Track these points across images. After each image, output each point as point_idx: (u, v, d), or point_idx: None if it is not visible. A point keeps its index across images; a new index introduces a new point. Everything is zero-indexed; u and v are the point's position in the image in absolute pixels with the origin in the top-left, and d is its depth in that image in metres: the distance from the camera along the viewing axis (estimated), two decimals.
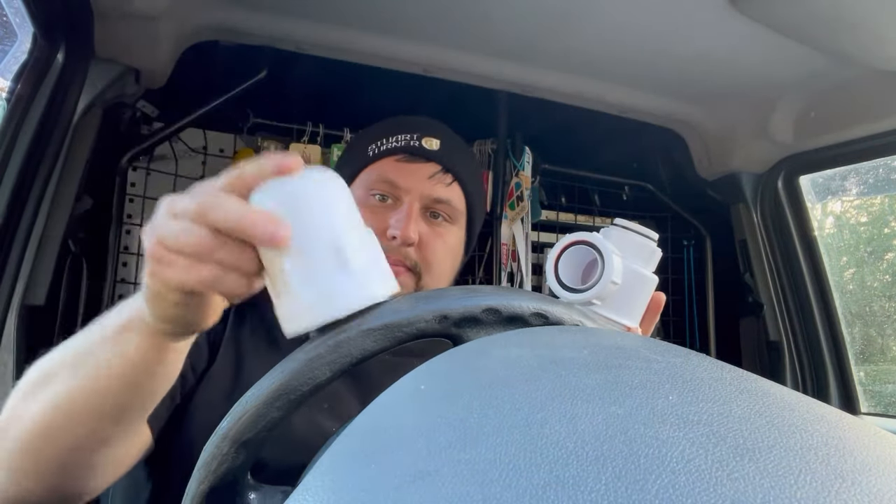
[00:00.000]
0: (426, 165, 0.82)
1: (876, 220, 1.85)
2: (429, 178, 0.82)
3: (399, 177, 0.81)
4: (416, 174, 0.81)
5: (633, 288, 0.62)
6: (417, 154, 0.82)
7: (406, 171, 0.81)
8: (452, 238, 0.85)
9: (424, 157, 0.82)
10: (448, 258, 0.85)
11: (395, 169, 0.82)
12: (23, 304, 0.96)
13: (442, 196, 0.82)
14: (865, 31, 1.07)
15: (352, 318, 0.37)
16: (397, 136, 0.83)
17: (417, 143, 0.82)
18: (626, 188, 2.00)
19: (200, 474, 0.34)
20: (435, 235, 0.82)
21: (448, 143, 0.85)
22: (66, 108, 1.01)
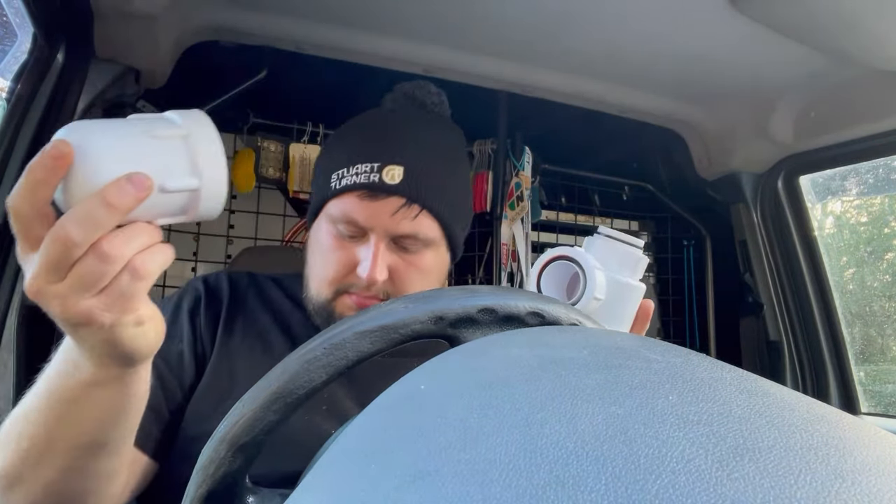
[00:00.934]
0: (388, 201, 0.78)
1: (876, 220, 1.85)
2: (392, 215, 0.78)
3: (360, 216, 0.78)
4: (378, 212, 0.78)
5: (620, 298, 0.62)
6: (377, 190, 0.78)
7: (368, 210, 0.78)
8: (428, 262, 0.83)
9: (385, 193, 0.78)
10: (426, 281, 0.83)
11: (357, 207, 0.78)
12: (23, 304, 0.96)
13: (407, 231, 0.79)
14: (865, 31, 1.07)
15: (348, 319, 0.37)
16: (357, 167, 0.79)
17: (378, 176, 0.78)
18: (626, 188, 2.00)
19: (198, 478, 0.34)
20: (407, 265, 0.81)
21: (414, 168, 0.80)
22: (66, 108, 1.01)
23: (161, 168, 0.44)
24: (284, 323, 0.84)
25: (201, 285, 0.85)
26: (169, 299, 0.84)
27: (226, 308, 0.83)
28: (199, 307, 0.82)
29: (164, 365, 0.75)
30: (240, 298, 0.86)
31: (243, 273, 0.91)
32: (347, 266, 0.79)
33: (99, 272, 0.42)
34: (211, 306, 0.83)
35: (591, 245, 0.63)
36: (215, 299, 0.84)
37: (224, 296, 0.84)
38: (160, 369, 0.73)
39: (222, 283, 0.86)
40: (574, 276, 0.59)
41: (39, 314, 0.43)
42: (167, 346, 0.75)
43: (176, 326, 0.79)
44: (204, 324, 0.80)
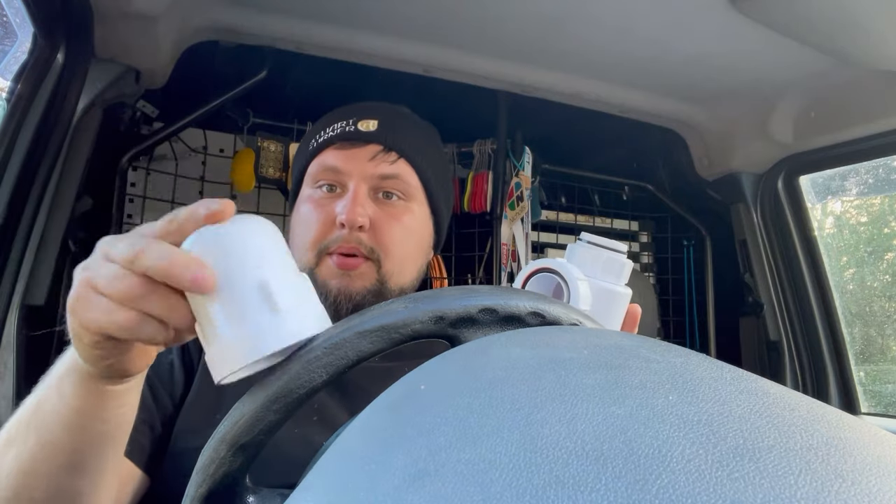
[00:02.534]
0: (366, 147, 0.79)
1: (876, 220, 1.85)
2: (370, 159, 0.79)
3: (339, 162, 0.79)
4: (356, 157, 0.79)
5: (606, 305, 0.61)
6: (354, 138, 0.80)
7: (345, 156, 0.79)
8: (410, 217, 0.81)
9: (363, 140, 0.79)
10: (409, 240, 0.81)
11: (335, 156, 0.79)
12: (23, 304, 0.96)
13: (387, 172, 0.79)
14: (865, 31, 1.07)
15: (348, 319, 0.37)
16: (334, 126, 0.82)
17: (353, 127, 0.80)
18: (626, 188, 2.00)
19: (199, 478, 0.34)
20: (388, 216, 0.79)
21: (388, 122, 0.82)
22: (66, 108, 1.01)
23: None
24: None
25: None
26: None
27: None
28: None
29: (155, 377, 0.73)
30: None
31: None
32: (327, 222, 0.77)
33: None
34: None
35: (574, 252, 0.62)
36: None
37: None
38: (152, 382, 0.72)
39: None
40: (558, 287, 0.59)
41: (39, 314, 0.43)
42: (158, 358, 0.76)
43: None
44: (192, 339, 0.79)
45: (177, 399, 0.74)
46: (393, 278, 0.79)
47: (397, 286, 0.80)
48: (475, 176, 1.71)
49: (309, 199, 0.80)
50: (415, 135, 0.85)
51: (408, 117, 0.88)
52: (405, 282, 0.82)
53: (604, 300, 0.61)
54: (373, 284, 0.78)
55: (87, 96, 1.05)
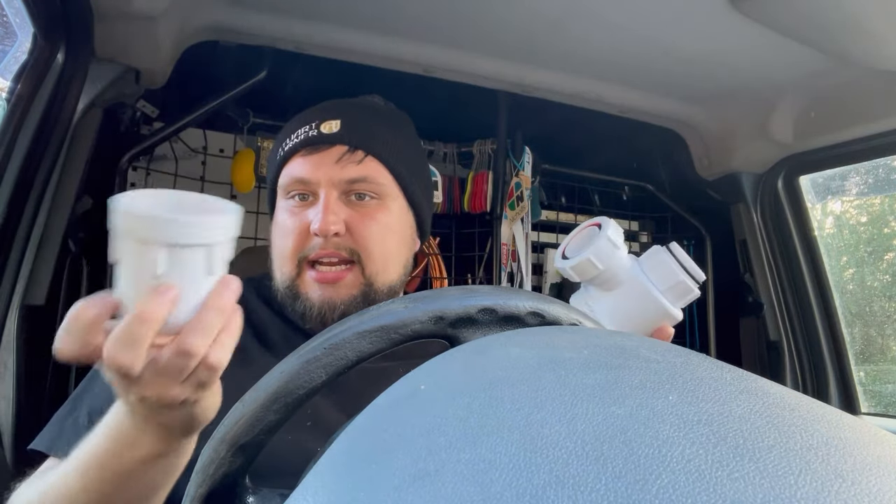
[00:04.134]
0: (330, 151, 0.78)
1: (876, 220, 1.85)
2: (335, 162, 0.77)
3: (305, 171, 0.78)
4: (322, 163, 0.78)
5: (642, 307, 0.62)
6: (317, 143, 0.78)
7: (311, 164, 0.78)
8: (385, 214, 0.80)
9: (326, 143, 0.78)
10: (388, 237, 0.80)
11: (302, 165, 0.78)
12: (23, 304, 0.96)
13: (354, 175, 0.78)
14: (865, 31, 1.07)
15: (348, 319, 0.37)
16: (297, 132, 0.80)
17: (316, 131, 0.79)
18: (626, 188, 2.00)
19: (199, 478, 0.34)
20: (363, 217, 0.78)
21: (351, 120, 0.80)
22: (66, 108, 1.01)
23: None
24: (261, 331, 0.81)
25: None
26: None
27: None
28: None
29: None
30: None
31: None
32: (303, 231, 0.77)
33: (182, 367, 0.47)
34: None
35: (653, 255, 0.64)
36: None
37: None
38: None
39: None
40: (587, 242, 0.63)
41: (39, 314, 0.43)
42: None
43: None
44: None
45: None
46: (378, 278, 0.79)
47: (384, 285, 0.80)
48: (475, 176, 1.71)
49: (283, 210, 0.80)
50: (381, 129, 0.83)
51: (373, 110, 0.86)
52: (392, 279, 0.81)
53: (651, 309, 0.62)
54: (359, 289, 0.78)
55: (87, 96, 1.05)
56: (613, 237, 0.61)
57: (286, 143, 0.81)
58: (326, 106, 0.84)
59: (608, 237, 0.61)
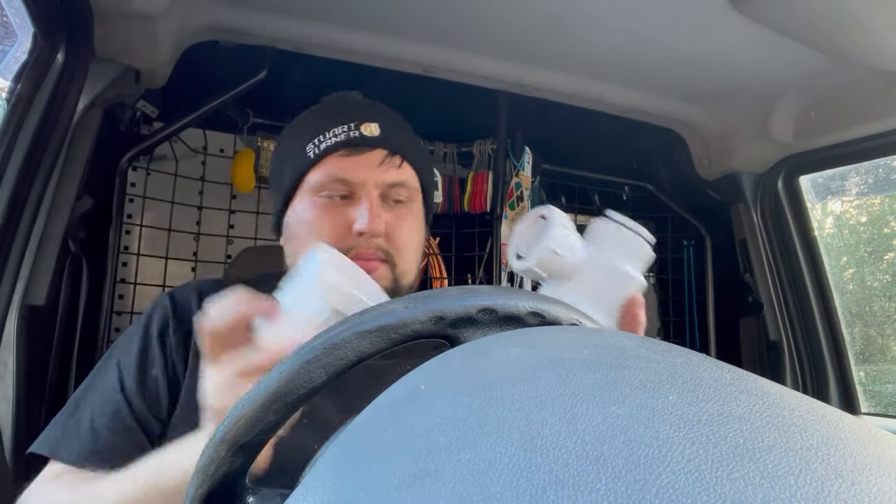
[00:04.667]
0: (372, 153, 0.79)
1: (876, 220, 1.85)
2: (378, 165, 0.79)
3: (349, 172, 0.78)
4: (365, 165, 0.78)
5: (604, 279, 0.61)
6: (361, 144, 0.79)
7: (355, 165, 0.78)
8: (414, 218, 0.84)
9: (368, 146, 0.79)
10: (415, 239, 0.84)
11: (343, 165, 0.78)
12: (23, 304, 0.96)
13: (396, 180, 0.80)
14: (865, 31, 1.07)
15: (348, 319, 0.37)
16: (334, 130, 0.80)
17: (357, 132, 0.79)
18: (626, 188, 2.00)
19: (198, 478, 0.34)
20: (398, 220, 0.81)
21: (387, 124, 0.82)
22: (66, 108, 1.01)
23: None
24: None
25: (168, 303, 0.82)
26: (138, 322, 0.81)
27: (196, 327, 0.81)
28: (167, 328, 0.79)
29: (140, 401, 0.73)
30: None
31: (212, 281, 0.88)
32: (343, 227, 0.77)
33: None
34: (181, 325, 0.79)
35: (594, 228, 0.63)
36: (184, 316, 0.80)
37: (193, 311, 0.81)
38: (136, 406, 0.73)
39: (190, 297, 0.83)
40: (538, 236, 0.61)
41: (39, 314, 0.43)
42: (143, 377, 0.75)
43: (148, 353, 0.77)
44: (174, 345, 0.78)
45: (163, 415, 0.74)
46: (405, 277, 0.82)
47: (407, 283, 0.83)
48: (475, 176, 1.71)
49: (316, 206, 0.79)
50: (409, 135, 0.86)
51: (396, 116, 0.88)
52: (412, 279, 0.85)
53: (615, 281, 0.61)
54: (389, 285, 0.79)
55: (87, 96, 1.05)
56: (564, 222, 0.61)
57: (319, 139, 0.80)
58: (359, 105, 0.84)
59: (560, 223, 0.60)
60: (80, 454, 0.69)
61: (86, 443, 0.70)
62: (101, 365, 0.78)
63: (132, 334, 0.79)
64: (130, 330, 0.81)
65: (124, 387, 0.74)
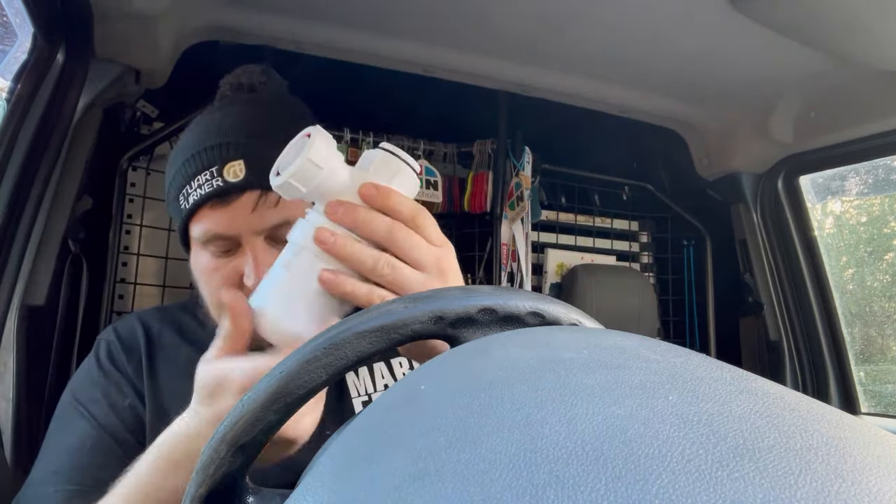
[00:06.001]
0: (241, 199, 0.70)
1: (876, 220, 1.85)
2: (252, 212, 0.70)
3: (223, 227, 0.71)
4: (236, 215, 0.70)
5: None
6: (226, 193, 0.70)
7: (224, 217, 0.70)
8: None
9: (236, 191, 0.70)
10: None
11: (215, 219, 0.71)
12: (23, 304, 0.96)
13: (275, 221, 0.71)
14: (865, 31, 1.07)
15: (348, 319, 0.37)
16: (198, 179, 0.71)
17: (220, 178, 0.70)
18: (626, 188, 2.00)
19: (198, 478, 0.34)
20: None
21: (254, 157, 0.71)
22: (66, 108, 1.01)
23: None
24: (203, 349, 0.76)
25: (112, 335, 0.80)
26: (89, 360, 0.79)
27: (144, 351, 0.78)
28: (119, 358, 0.78)
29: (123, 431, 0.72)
30: (154, 337, 0.80)
31: (154, 309, 0.86)
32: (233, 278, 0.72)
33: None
34: (130, 353, 0.78)
35: (363, 155, 0.58)
36: (131, 345, 0.79)
37: (139, 338, 0.79)
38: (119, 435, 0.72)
39: (134, 326, 0.81)
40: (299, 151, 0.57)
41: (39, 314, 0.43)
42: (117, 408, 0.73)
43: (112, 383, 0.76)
44: (131, 371, 0.77)
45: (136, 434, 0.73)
46: None
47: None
48: (475, 176, 1.71)
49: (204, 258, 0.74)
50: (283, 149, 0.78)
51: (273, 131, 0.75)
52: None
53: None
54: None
55: (87, 96, 1.05)
56: (328, 140, 0.55)
57: (187, 189, 0.73)
58: (222, 137, 0.73)
59: (324, 140, 0.54)
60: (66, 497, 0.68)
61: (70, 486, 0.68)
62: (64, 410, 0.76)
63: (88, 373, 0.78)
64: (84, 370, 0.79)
65: (99, 421, 0.73)
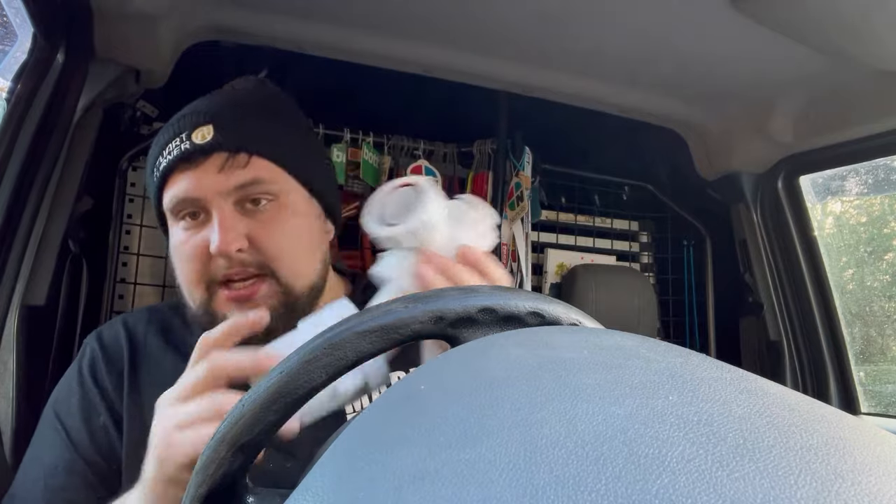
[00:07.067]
0: (208, 161, 0.69)
1: (876, 220, 1.85)
2: (218, 172, 0.69)
3: (189, 190, 0.70)
4: (203, 176, 0.69)
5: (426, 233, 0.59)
6: (192, 155, 0.70)
7: (192, 179, 0.69)
8: (286, 215, 0.73)
9: (202, 153, 0.69)
10: (295, 240, 0.74)
11: (182, 183, 0.70)
12: (23, 304, 0.96)
13: (242, 181, 0.70)
14: (865, 31, 1.07)
15: (348, 319, 0.37)
16: (169, 146, 0.72)
17: (188, 142, 0.70)
18: (626, 188, 2.00)
19: (198, 478, 0.34)
20: (263, 225, 0.71)
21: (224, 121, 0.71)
22: (66, 108, 1.01)
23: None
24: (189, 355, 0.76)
25: (95, 343, 0.78)
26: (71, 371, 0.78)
27: (127, 361, 0.76)
28: (99, 370, 0.75)
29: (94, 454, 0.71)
30: (139, 344, 0.78)
31: (142, 310, 0.85)
32: (203, 253, 0.70)
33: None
34: (112, 364, 0.76)
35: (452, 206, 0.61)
36: (114, 355, 0.77)
37: (122, 347, 0.77)
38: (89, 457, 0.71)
39: (118, 332, 0.78)
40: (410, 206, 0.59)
41: (39, 314, 0.43)
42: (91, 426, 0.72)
43: (88, 399, 0.74)
44: (111, 387, 0.74)
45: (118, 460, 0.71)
46: (296, 282, 0.74)
47: (304, 287, 0.75)
48: (475, 176, 1.71)
49: (177, 232, 0.73)
50: (258, 122, 0.75)
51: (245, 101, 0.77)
52: (311, 279, 0.76)
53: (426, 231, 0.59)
54: (278, 299, 0.72)
55: (87, 96, 1.05)
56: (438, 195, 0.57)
57: (159, 159, 0.73)
58: (196, 108, 0.75)
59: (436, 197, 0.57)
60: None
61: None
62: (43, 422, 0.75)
63: (68, 384, 0.76)
64: (66, 379, 0.78)
65: (72, 440, 0.71)
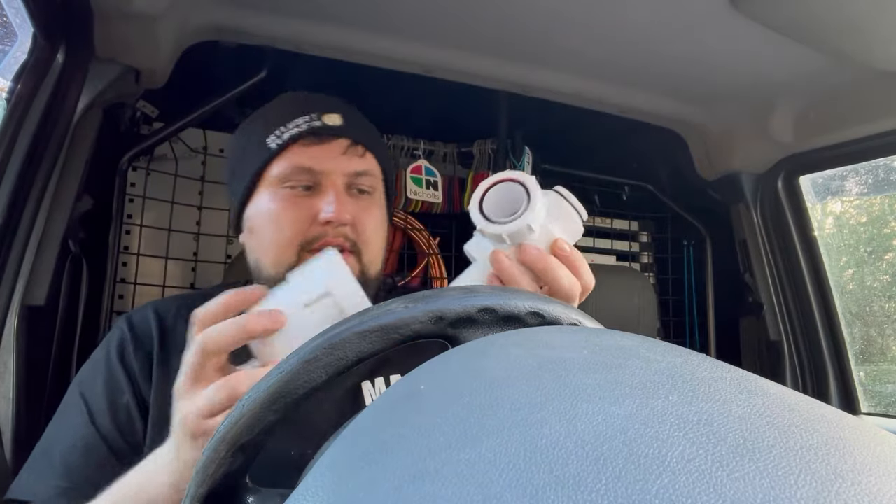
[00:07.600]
0: (336, 142, 0.78)
1: (876, 220, 1.85)
2: (342, 154, 0.78)
3: (313, 162, 0.77)
4: (329, 154, 0.78)
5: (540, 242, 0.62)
6: (324, 133, 0.78)
7: (318, 154, 0.77)
8: (378, 210, 0.83)
9: (332, 135, 0.78)
10: (379, 232, 0.83)
11: (307, 155, 0.77)
12: (23, 304, 0.96)
13: (361, 168, 0.79)
14: (865, 31, 1.07)
15: (348, 320, 0.37)
16: (296, 121, 0.78)
17: (320, 121, 0.78)
18: (626, 188, 2.00)
19: (199, 478, 0.34)
20: (364, 210, 0.79)
21: (348, 114, 0.82)
22: (66, 108, 1.01)
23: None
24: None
25: (125, 325, 0.80)
26: (99, 350, 0.80)
27: (157, 345, 0.78)
28: (127, 351, 0.77)
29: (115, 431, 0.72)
30: (168, 330, 0.80)
31: (173, 298, 0.87)
32: (308, 217, 0.76)
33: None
34: (140, 347, 0.78)
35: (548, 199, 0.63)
36: (143, 339, 0.79)
37: (152, 332, 0.79)
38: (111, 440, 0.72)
39: (148, 317, 0.81)
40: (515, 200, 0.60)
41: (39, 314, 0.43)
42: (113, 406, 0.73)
43: (114, 381, 0.75)
44: (138, 368, 0.76)
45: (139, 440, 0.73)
46: (371, 268, 0.81)
47: (374, 275, 0.82)
48: (475, 176, 1.71)
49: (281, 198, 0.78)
50: (369, 126, 0.86)
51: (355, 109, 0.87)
52: (378, 270, 0.83)
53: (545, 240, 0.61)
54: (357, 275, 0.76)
55: (87, 96, 1.05)
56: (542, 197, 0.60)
57: (281, 130, 0.78)
58: (318, 98, 0.83)
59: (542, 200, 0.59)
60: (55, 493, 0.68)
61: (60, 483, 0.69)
62: (67, 401, 0.77)
63: (95, 364, 0.78)
64: (93, 359, 0.79)
65: (94, 419, 0.73)
